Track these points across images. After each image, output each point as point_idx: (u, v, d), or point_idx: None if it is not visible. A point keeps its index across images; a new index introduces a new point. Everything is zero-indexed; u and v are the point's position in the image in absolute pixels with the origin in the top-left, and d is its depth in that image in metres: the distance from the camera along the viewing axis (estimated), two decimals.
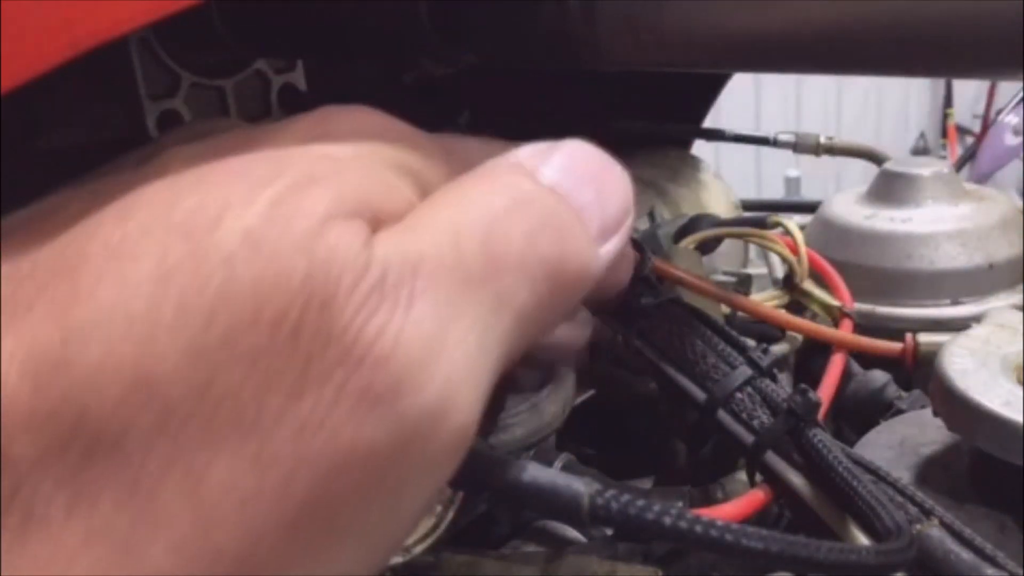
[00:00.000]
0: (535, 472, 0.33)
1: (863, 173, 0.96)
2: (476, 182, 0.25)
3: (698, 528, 0.31)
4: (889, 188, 0.82)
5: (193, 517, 0.18)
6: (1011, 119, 3.30)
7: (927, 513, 0.46)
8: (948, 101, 4.63)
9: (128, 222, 0.20)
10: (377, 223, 0.22)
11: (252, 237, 0.19)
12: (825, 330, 0.68)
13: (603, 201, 0.27)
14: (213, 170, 0.22)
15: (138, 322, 0.18)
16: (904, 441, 0.59)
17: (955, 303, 0.77)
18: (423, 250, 0.21)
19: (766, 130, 1.07)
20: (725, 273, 0.83)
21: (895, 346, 0.67)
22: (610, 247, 0.27)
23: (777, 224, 0.76)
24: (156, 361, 0.18)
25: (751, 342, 0.54)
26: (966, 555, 0.44)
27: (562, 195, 0.26)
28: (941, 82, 4.54)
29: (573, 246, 0.25)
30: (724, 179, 0.99)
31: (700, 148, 1.07)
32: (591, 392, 0.72)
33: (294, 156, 0.23)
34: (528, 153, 0.27)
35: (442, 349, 0.20)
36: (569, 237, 0.25)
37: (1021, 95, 3.27)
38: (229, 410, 0.18)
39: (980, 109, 4.54)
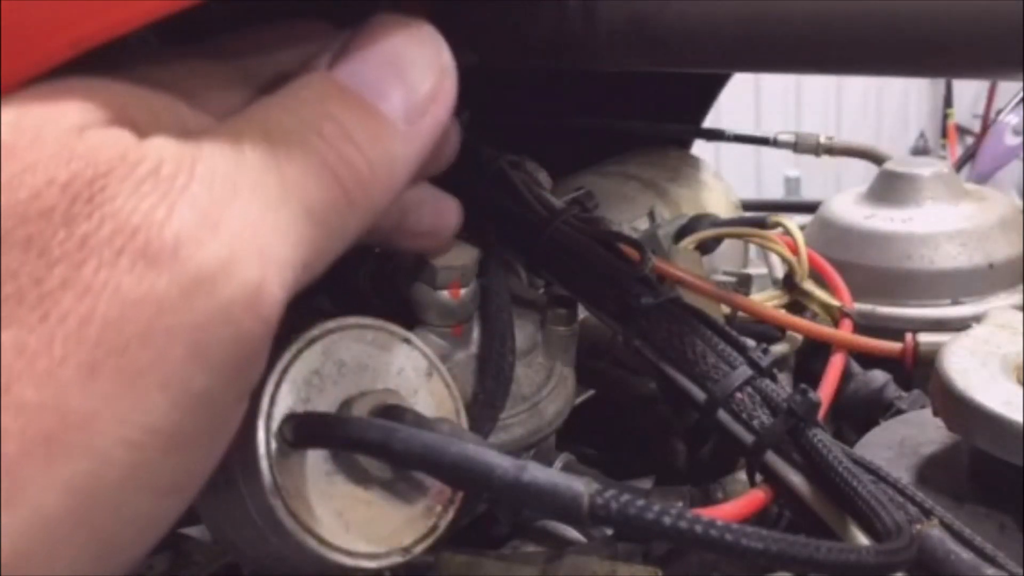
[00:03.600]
0: (536, 472, 0.33)
1: (863, 173, 0.96)
2: (263, 105, 0.28)
3: (698, 528, 0.31)
4: (889, 188, 0.82)
5: None
6: (1011, 119, 3.29)
7: (927, 513, 0.46)
8: (948, 101, 4.63)
9: None
10: (142, 131, 0.25)
11: (4, 150, 0.23)
12: (825, 330, 0.68)
13: (407, 80, 0.30)
14: None
15: None
16: (904, 441, 0.59)
17: (955, 303, 0.76)
18: (202, 146, 0.25)
19: (766, 130, 1.07)
20: (725, 273, 0.83)
21: (895, 346, 0.67)
22: (426, 124, 0.30)
23: (777, 224, 0.76)
24: None
25: (751, 342, 0.54)
26: (966, 555, 0.44)
27: (354, 91, 0.29)
28: (941, 82, 4.54)
29: (363, 143, 0.28)
30: (724, 179, 0.98)
31: (700, 148, 1.07)
32: (591, 392, 0.72)
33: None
34: (325, 60, 0.30)
35: (221, 217, 0.24)
36: (359, 136, 0.28)
37: (1021, 95, 3.27)
38: (11, 288, 0.22)
39: (980, 109, 4.53)
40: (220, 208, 0.24)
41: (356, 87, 0.29)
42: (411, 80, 0.30)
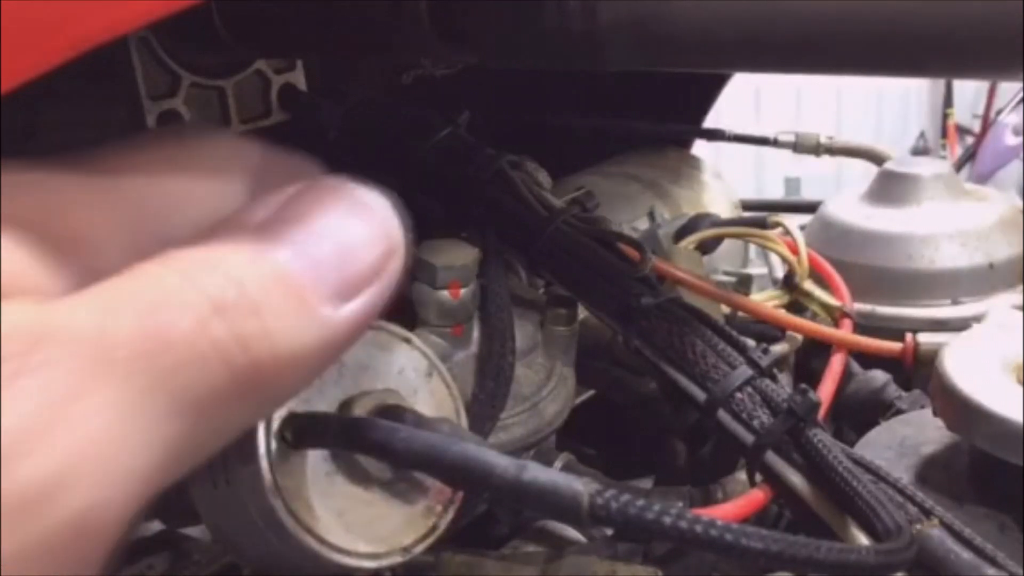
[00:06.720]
0: (536, 472, 0.32)
1: (863, 173, 0.96)
2: (151, 267, 0.22)
3: (698, 528, 0.31)
4: (889, 188, 0.82)
5: None
6: (1011, 119, 3.30)
7: (927, 513, 0.46)
8: (948, 101, 4.62)
9: None
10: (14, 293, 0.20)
11: None
12: (825, 330, 0.68)
13: (344, 254, 0.24)
14: None
15: None
16: (904, 441, 0.59)
17: (955, 303, 0.76)
18: (55, 322, 0.20)
19: (766, 130, 1.07)
20: (725, 273, 0.83)
21: (895, 346, 0.67)
22: (355, 309, 0.25)
23: (777, 224, 0.76)
24: None
25: (751, 342, 0.54)
26: (966, 555, 0.44)
27: (274, 263, 0.23)
28: (941, 82, 4.53)
29: (270, 325, 0.22)
30: (724, 179, 0.98)
31: (700, 148, 1.07)
32: (591, 392, 0.72)
33: None
34: (256, 210, 0.24)
35: (57, 422, 0.19)
36: (266, 316, 0.22)
37: (1021, 95, 3.27)
38: None
39: (980, 109, 4.53)
40: (58, 407, 0.19)
41: (281, 259, 0.23)
42: (349, 256, 0.25)
